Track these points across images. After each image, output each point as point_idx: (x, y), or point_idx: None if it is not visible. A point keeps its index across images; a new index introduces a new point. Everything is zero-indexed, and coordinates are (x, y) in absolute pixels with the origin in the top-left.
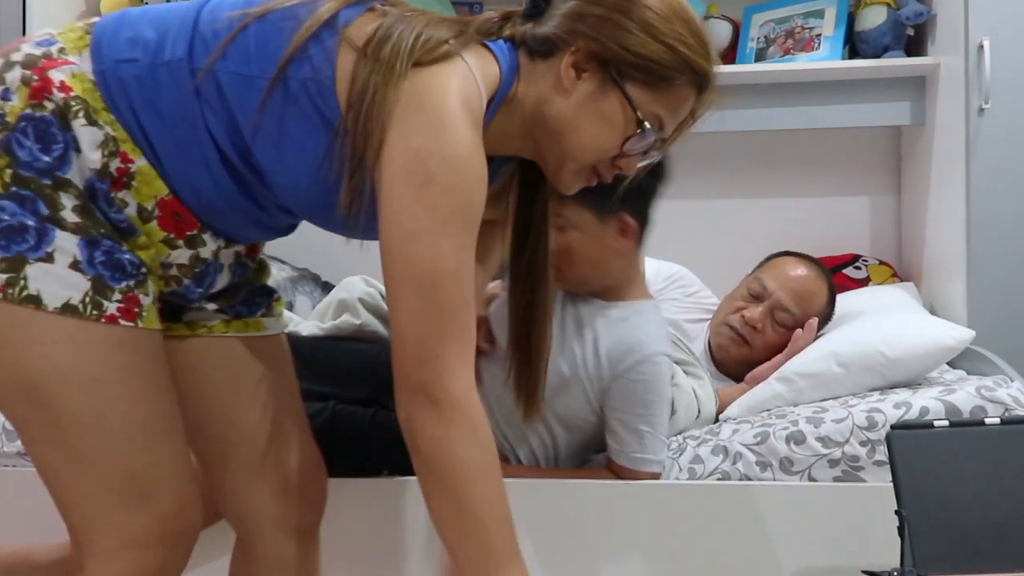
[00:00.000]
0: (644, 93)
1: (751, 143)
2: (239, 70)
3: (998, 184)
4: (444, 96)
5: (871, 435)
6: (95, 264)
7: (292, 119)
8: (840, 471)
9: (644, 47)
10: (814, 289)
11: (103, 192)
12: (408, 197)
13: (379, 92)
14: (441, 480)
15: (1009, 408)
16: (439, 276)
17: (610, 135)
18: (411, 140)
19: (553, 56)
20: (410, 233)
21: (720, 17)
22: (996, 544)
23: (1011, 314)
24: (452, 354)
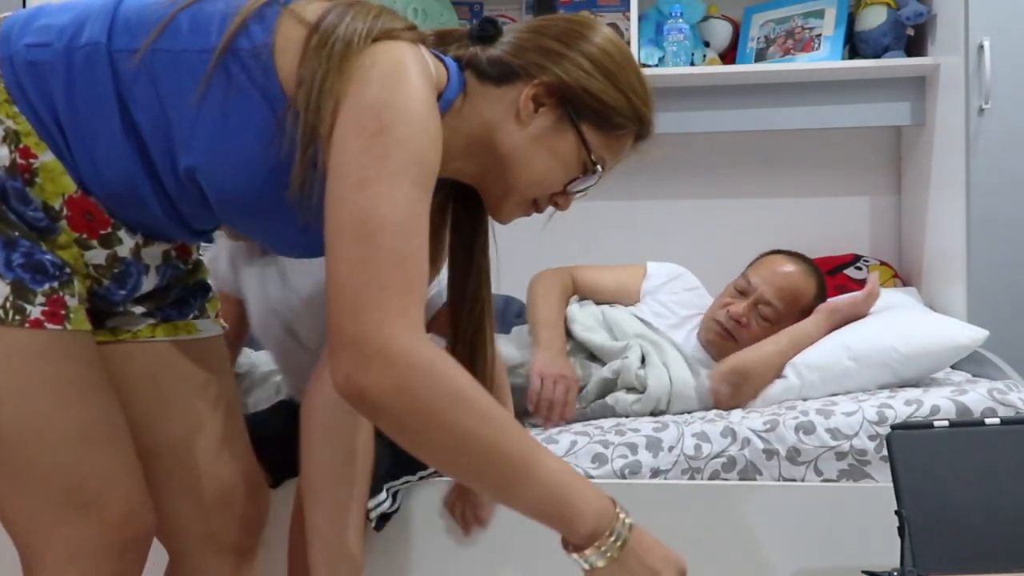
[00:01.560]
0: (595, 136)
1: (751, 143)
2: (169, 47)
3: (998, 184)
4: (400, 59)
5: (880, 430)
6: (13, 267)
7: (231, 100)
8: (847, 464)
9: (605, 93)
10: (800, 284)
11: (16, 190)
12: (358, 148)
13: (333, 69)
14: (422, 426)
15: (1020, 411)
16: (384, 226)
17: (559, 172)
18: (365, 96)
19: (508, 84)
20: (356, 183)
21: (720, 17)
22: (996, 544)
23: (1011, 314)
24: (393, 304)
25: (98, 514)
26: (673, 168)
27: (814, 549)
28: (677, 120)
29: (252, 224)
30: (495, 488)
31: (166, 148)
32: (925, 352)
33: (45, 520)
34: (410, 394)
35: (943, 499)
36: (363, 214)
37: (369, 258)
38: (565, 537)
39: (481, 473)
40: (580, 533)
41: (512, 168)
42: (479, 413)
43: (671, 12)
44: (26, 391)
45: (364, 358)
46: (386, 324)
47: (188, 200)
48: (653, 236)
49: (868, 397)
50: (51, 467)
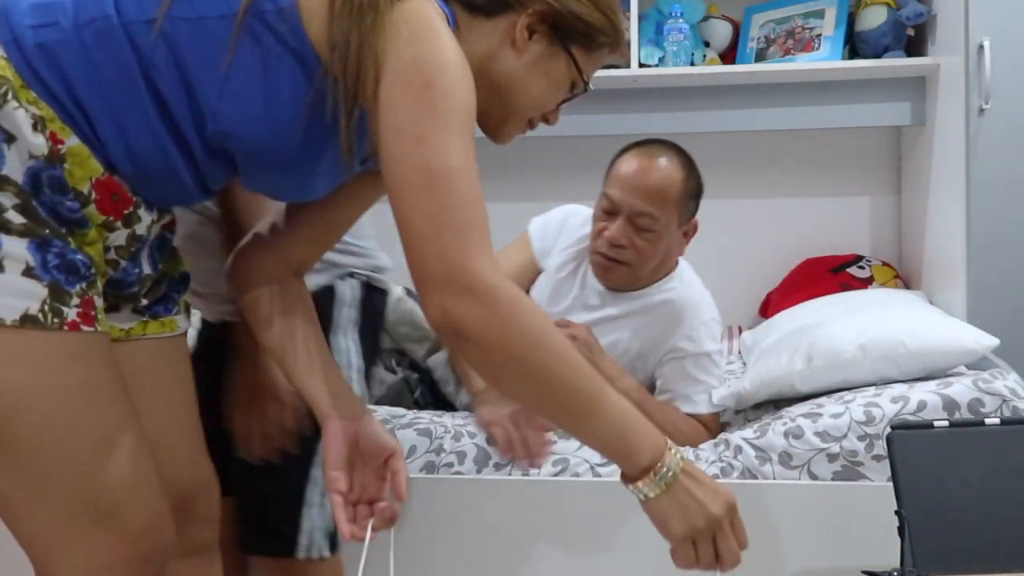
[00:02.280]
0: (583, 55)
1: (751, 143)
2: (186, 15)
3: (998, 184)
4: (426, 15)
5: (869, 430)
6: (50, 268)
7: (262, 63)
8: (840, 466)
9: (590, 15)
10: (663, 176)
11: (56, 179)
12: (407, 104)
13: (367, 32)
14: (514, 360)
15: (1007, 400)
16: (449, 172)
17: (554, 92)
18: (404, 53)
19: (499, 15)
20: (415, 137)
21: (720, 17)
22: (996, 544)
23: (1011, 314)
24: (473, 242)
25: (118, 526)
26: None
27: (814, 549)
28: (677, 120)
29: (274, 178)
30: (566, 422)
31: (193, 114)
32: (932, 351)
33: (64, 532)
34: (500, 327)
35: (943, 499)
36: (427, 165)
37: (443, 204)
38: (623, 470)
39: (556, 407)
40: (637, 466)
41: (512, 94)
42: (556, 351)
43: (671, 12)
44: (55, 397)
45: (458, 294)
46: (471, 262)
47: (213, 162)
48: None
49: (854, 397)
50: (73, 476)
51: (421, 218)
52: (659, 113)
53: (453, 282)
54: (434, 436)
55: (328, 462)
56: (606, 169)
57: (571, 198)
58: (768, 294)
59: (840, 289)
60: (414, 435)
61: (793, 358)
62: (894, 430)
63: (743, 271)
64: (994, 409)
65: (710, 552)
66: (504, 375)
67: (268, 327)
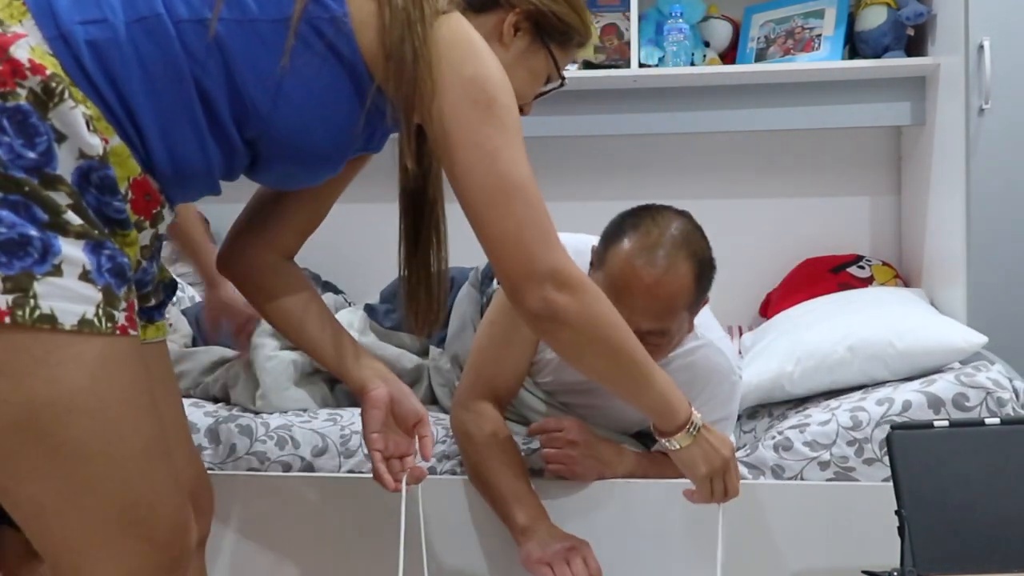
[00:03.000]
0: (559, 52)
1: (751, 143)
2: (237, 17)
3: (998, 184)
4: (470, 34)
5: (857, 435)
6: (103, 272)
7: (308, 66)
8: (832, 473)
9: (567, 15)
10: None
11: (109, 180)
12: (477, 120)
13: (420, 45)
14: (597, 339)
15: (991, 392)
16: (525, 183)
17: (533, 84)
18: (463, 71)
19: (488, 12)
20: (491, 151)
21: (720, 17)
22: (996, 544)
23: (1011, 314)
24: (555, 244)
25: (149, 533)
26: (673, 168)
27: (814, 549)
28: (677, 120)
29: (295, 170)
30: (628, 388)
31: (236, 116)
32: (921, 351)
33: (97, 540)
34: (589, 313)
35: (943, 499)
36: (507, 177)
37: (527, 211)
38: (660, 427)
39: (624, 377)
40: (675, 422)
41: None
42: (625, 330)
43: (671, 12)
44: (106, 401)
45: (556, 287)
46: (560, 260)
47: (242, 162)
48: None
49: (840, 403)
50: (113, 484)
51: (510, 225)
52: (659, 113)
53: (551, 279)
54: (435, 440)
55: (368, 425)
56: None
57: (571, 198)
58: (768, 294)
59: (840, 289)
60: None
61: (783, 361)
62: (894, 430)
63: (743, 271)
64: (979, 402)
65: (722, 486)
66: (588, 352)
67: (277, 309)
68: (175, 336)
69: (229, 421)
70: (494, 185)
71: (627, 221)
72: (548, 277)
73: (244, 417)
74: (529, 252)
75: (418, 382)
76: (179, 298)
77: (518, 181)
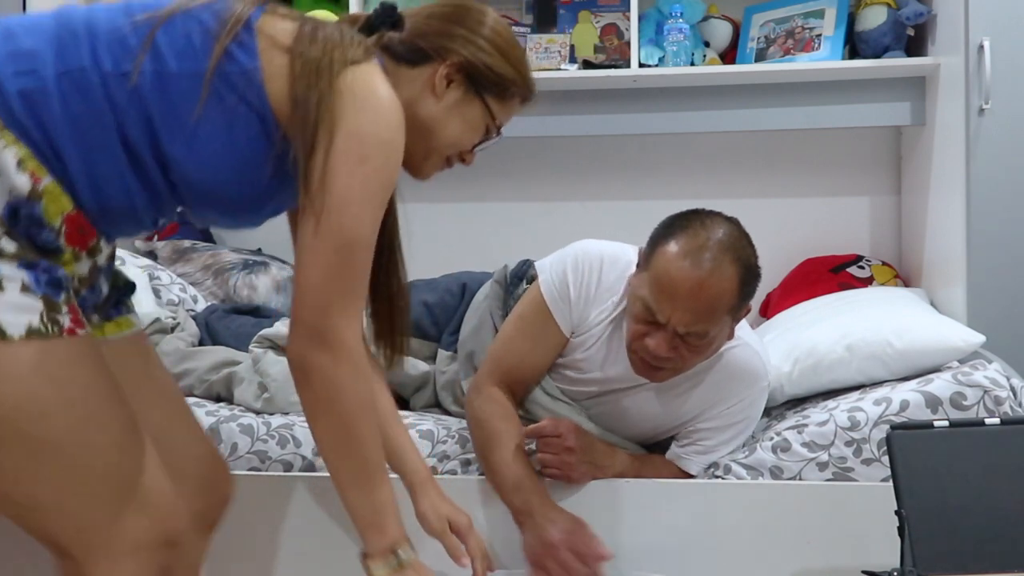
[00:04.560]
0: (496, 103)
1: (751, 143)
2: (160, 74)
3: (998, 184)
4: (375, 87)
5: (855, 435)
6: (41, 284)
7: (227, 121)
8: (831, 473)
9: (502, 68)
10: (718, 290)
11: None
12: (345, 172)
13: (325, 94)
14: (333, 413)
15: (988, 390)
16: (357, 242)
17: (470, 135)
18: (350, 124)
19: (422, 64)
20: (341, 201)
21: (720, 17)
22: (996, 544)
23: (1011, 314)
24: (351, 309)
25: (147, 509)
26: (673, 168)
27: (814, 549)
28: (677, 120)
29: (221, 217)
30: (346, 480)
31: (159, 162)
32: (919, 350)
33: (102, 518)
34: (337, 384)
35: (943, 499)
36: (343, 231)
37: (343, 268)
38: (366, 545)
39: (344, 464)
40: (379, 544)
41: (432, 135)
42: (368, 425)
43: (671, 12)
44: (73, 398)
45: (318, 348)
46: (342, 326)
47: (172, 204)
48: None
49: (837, 403)
50: (105, 467)
51: (319, 271)
52: (659, 113)
53: (323, 336)
54: (436, 439)
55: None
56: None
57: (571, 198)
58: (768, 294)
59: (840, 289)
60: (416, 436)
61: (782, 361)
62: (894, 430)
63: None
64: (976, 401)
65: None
66: (322, 421)
67: None
68: (182, 335)
69: (231, 420)
70: (327, 232)
71: (676, 223)
72: (321, 332)
73: (246, 416)
74: (321, 303)
75: (423, 387)
76: (182, 299)
77: (351, 238)
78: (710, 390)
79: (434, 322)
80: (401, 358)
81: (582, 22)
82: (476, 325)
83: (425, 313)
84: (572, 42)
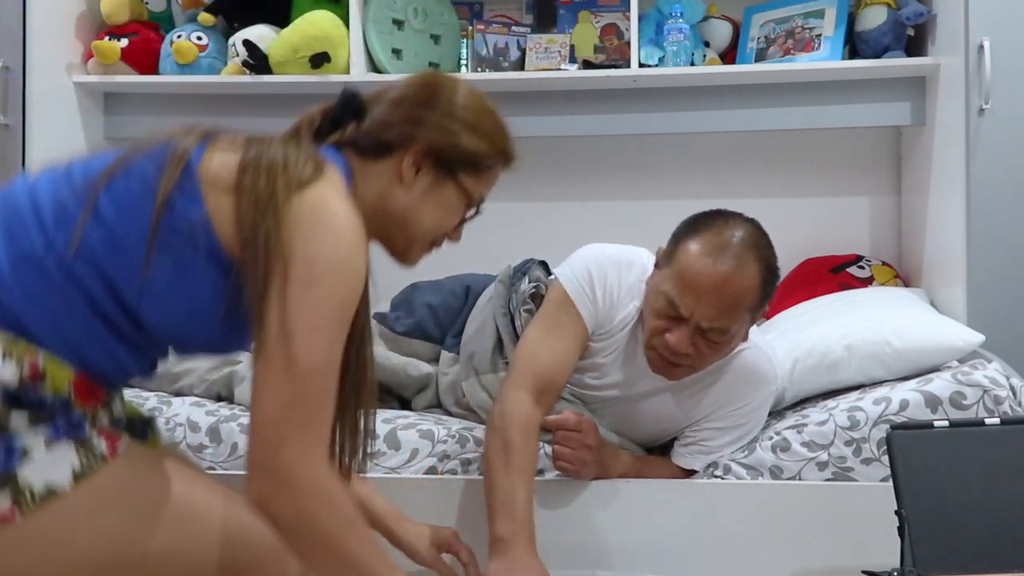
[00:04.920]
0: (471, 180)
1: (751, 143)
2: (107, 236)
3: (998, 184)
4: (325, 208)
5: (855, 434)
6: (62, 432)
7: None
8: (830, 473)
9: (471, 144)
10: (741, 287)
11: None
12: (293, 296)
13: (272, 229)
14: (315, 546)
15: (988, 390)
16: (311, 370)
17: (449, 217)
18: (300, 251)
19: (388, 156)
20: (291, 328)
21: (720, 17)
22: (996, 544)
23: (1011, 314)
24: (311, 440)
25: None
26: (673, 168)
27: (814, 549)
28: (677, 120)
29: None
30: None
31: (129, 318)
32: (918, 349)
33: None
34: (308, 516)
35: (943, 499)
36: (296, 360)
37: (296, 399)
38: None
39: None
40: None
41: (408, 225)
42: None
43: (671, 12)
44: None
45: (276, 487)
46: (300, 460)
47: (156, 350)
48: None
49: (837, 403)
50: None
51: (272, 402)
52: (659, 113)
53: (280, 475)
54: (436, 439)
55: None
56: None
57: (571, 198)
58: None
59: (840, 289)
60: (416, 436)
61: (782, 361)
62: (894, 430)
63: None
64: (976, 400)
65: None
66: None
67: None
68: None
69: (231, 420)
70: (280, 362)
71: (700, 221)
72: (275, 471)
73: (246, 416)
74: (275, 438)
75: (425, 389)
76: None
77: (304, 368)
78: (722, 391)
79: (438, 324)
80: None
81: (582, 22)
82: (479, 327)
83: (429, 315)
84: (572, 42)
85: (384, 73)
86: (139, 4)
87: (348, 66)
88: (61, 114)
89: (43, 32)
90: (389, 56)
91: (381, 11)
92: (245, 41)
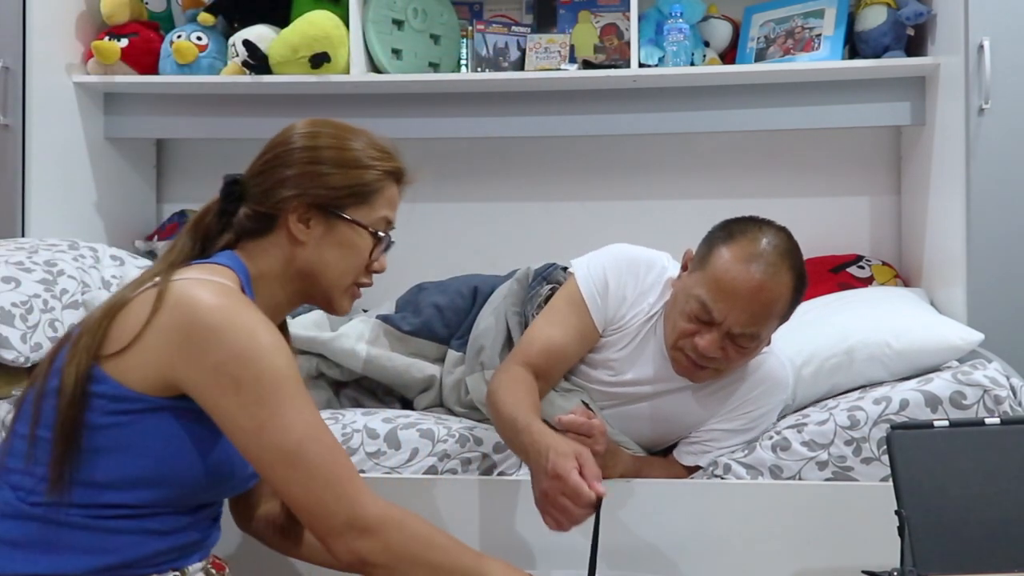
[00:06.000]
0: (364, 210)
1: (751, 143)
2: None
3: (998, 184)
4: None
5: (855, 434)
6: None
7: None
8: (830, 472)
9: (345, 177)
10: (774, 293)
11: None
12: (234, 405)
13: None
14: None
15: (988, 389)
16: (300, 445)
17: (356, 256)
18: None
19: (275, 227)
20: (255, 429)
21: (720, 17)
22: (996, 544)
23: (1011, 314)
24: (348, 490)
25: None
26: (673, 168)
27: (814, 549)
28: (677, 120)
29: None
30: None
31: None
32: (918, 350)
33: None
34: (396, 551)
35: (943, 499)
36: (280, 448)
37: (308, 474)
38: None
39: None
40: None
41: (320, 277)
42: (442, 547)
43: (671, 12)
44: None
45: (357, 535)
46: (355, 508)
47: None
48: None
49: (837, 403)
50: None
51: (299, 489)
52: (659, 113)
53: (349, 530)
54: (436, 439)
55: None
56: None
57: (571, 198)
58: None
59: (840, 289)
60: (416, 436)
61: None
62: (894, 430)
63: None
64: (976, 400)
65: None
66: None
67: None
68: None
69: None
70: (270, 459)
71: (734, 227)
72: (347, 529)
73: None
74: (322, 509)
75: (428, 389)
76: None
77: (292, 447)
78: (739, 394)
79: (445, 324)
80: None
81: (582, 22)
82: (490, 323)
83: (436, 315)
84: (572, 42)
85: (384, 73)
86: (139, 4)
87: (348, 66)
88: (61, 114)
89: (43, 32)
90: (389, 56)
91: (381, 11)
92: (245, 41)
